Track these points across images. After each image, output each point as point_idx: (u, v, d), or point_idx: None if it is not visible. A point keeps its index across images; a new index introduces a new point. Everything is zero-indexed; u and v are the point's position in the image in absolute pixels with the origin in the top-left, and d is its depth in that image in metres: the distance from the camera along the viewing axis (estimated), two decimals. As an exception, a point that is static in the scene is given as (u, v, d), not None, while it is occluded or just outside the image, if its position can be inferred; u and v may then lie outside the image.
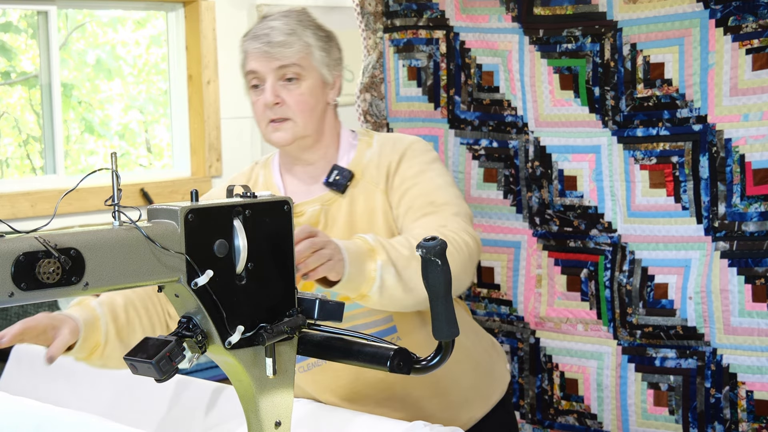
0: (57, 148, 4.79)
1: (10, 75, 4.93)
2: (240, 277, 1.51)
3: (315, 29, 2.22)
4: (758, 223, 2.87)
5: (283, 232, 1.56)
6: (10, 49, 4.90)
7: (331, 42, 2.25)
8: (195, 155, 5.19)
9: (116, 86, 5.33)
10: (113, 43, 5.27)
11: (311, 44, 2.19)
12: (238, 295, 1.50)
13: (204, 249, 1.46)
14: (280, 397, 1.56)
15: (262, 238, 1.52)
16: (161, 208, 1.45)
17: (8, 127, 4.98)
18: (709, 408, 3.00)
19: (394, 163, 2.22)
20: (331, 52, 2.23)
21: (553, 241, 3.24)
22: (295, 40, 2.18)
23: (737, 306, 2.90)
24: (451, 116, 3.41)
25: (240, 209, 1.50)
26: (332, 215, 2.20)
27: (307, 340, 1.61)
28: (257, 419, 1.55)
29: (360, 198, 2.20)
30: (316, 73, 2.20)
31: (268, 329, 1.51)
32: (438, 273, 1.50)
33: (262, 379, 1.54)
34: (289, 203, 1.58)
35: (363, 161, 2.25)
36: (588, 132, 3.14)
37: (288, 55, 2.17)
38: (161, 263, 1.41)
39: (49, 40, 4.71)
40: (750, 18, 2.83)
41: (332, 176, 2.21)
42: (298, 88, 2.19)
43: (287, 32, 2.18)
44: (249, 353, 1.53)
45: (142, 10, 5.19)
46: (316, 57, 2.19)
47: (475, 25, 3.31)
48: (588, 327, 3.19)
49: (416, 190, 2.18)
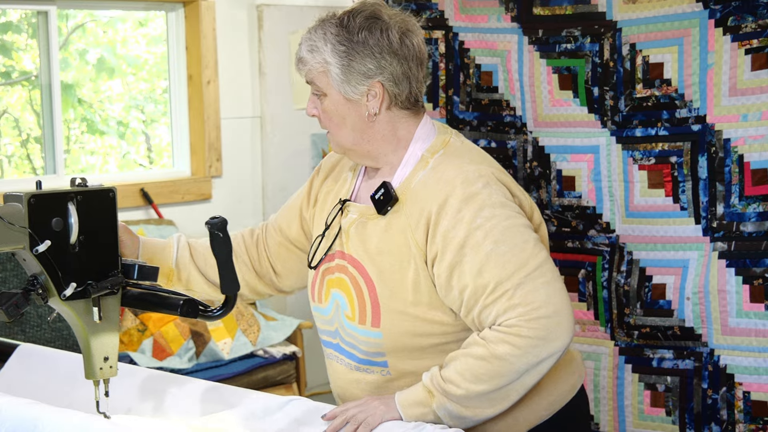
0: (57, 148, 4.80)
1: (11, 75, 4.93)
2: (73, 247, 1.93)
3: (336, 44, 2.08)
4: (756, 223, 2.87)
5: (109, 213, 1.99)
6: (11, 49, 4.90)
7: (353, 55, 2.07)
8: (195, 155, 5.19)
9: (116, 86, 5.34)
10: (114, 42, 5.27)
11: (329, 62, 2.09)
12: (71, 260, 1.93)
13: (44, 225, 1.89)
14: (107, 338, 1.99)
15: (91, 217, 1.95)
16: (12, 194, 1.88)
17: (8, 127, 4.99)
18: (705, 409, 2.99)
19: (433, 215, 2.05)
20: (353, 66, 2.08)
21: (551, 242, 3.24)
22: (313, 57, 2.12)
23: (735, 306, 2.90)
24: (450, 116, 3.41)
25: (73, 195, 1.92)
26: (367, 232, 2.14)
27: (128, 294, 2.03)
28: (90, 355, 1.98)
29: (395, 229, 2.10)
30: (334, 91, 2.12)
31: (93, 285, 1.94)
32: (220, 243, 1.94)
33: (91, 324, 1.97)
34: (114, 191, 1.99)
35: (411, 185, 2.11)
36: (587, 132, 3.14)
37: (308, 71, 2.14)
38: (9, 235, 1.86)
39: (49, 40, 4.71)
40: (749, 18, 2.82)
41: (378, 193, 2.10)
42: (323, 104, 2.15)
43: (309, 48, 2.13)
44: (81, 304, 1.95)
45: (142, 10, 5.19)
46: (333, 75, 2.10)
47: (474, 25, 3.31)
48: (585, 327, 3.18)
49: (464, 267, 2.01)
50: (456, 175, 2.06)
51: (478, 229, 2.01)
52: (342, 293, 2.16)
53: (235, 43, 5.19)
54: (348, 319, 2.15)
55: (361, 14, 2.11)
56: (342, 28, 2.09)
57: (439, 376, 2.03)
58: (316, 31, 2.13)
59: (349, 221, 2.17)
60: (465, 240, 2.01)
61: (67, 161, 4.99)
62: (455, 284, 2.03)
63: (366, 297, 2.12)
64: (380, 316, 2.10)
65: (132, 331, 4.40)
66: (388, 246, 2.10)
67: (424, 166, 2.11)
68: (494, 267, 1.99)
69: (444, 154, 2.13)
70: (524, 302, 1.97)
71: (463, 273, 2.01)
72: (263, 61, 5.18)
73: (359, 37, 2.08)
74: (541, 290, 1.98)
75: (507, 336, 1.97)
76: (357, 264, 2.14)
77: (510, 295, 1.98)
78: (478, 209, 2.02)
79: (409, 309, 2.08)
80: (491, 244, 2.00)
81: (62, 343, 4.11)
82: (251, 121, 5.27)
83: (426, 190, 2.08)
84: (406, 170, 2.13)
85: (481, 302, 2.00)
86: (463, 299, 2.03)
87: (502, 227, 2.02)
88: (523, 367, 1.98)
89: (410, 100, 2.14)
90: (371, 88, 2.10)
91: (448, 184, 2.05)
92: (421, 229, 2.06)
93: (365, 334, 2.13)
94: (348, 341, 2.18)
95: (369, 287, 2.11)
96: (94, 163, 5.28)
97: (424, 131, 2.17)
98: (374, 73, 2.08)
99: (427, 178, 2.09)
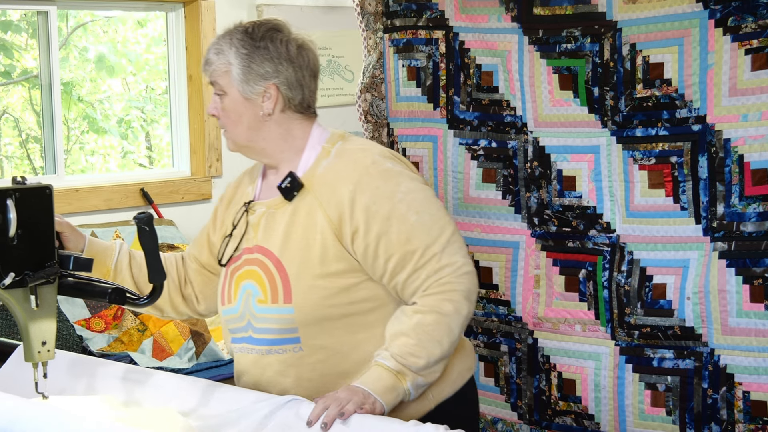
0: (57, 148, 4.80)
1: (11, 74, 4.93)
2: (12, 240, 2.04)
3: (239, 47, 2.30)
4: (756, 223, 2.87)
5: (45, 209, 2.10)
6: (11, 48, 4.91)
7: (253, 58, 2.29)
8: (195, 155, 5.19)
9: (116, 85, 5.34)
10: (114, 41, 5.27)
11: (231, 62, 2.30)
12: (10, 252, 2.04)
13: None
14: (45, 324, 2.10)
15: (28, 213, 2.06)
16: None
17: (8, 127, 4.99)
18: (706, 409, 2.99)
19: (348, 192, 2.25)
20: (252, 67, 2.29)
21: (551, 242, 3.24)
22: (218, 59, 2.32)
23: (735, 306, 2.90)
24: (450, 116, 3.41)
25: (11, 192, 2.03)
26: (275, 220, 2.33)
27: (65, 283, 2.16)
28: (29, 340, 2.09)
29: (303, 211, 2.29)
30: (234, 89, 2.31)
31: (30, 275, 2.05)
32: (146, 236, 2.09)
33: (29, 311, 2.08)
34: (50, 188, 2.11)
35: (316, 172, 2.31)
36: (587, 132, 3.14)
37: (212, 72, 2.34)
38: None
39: (50, 40, 4.71)
40: (749, 18, 2.82)
41: (285, 182, 2.31)
42: (223, 103, 2.34)
43: (215, 51, 2.33)
44: (19, 292, 2.07)
45: (142, 10, 5.19)
46: (234, 75, 2.30)
47: (474, 25, 3.31)
48: (586, 327, 3.18)
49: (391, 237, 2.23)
50: (364, 157, 2.30)
51: (400, 202, 2.24)
52: (252, 281, 2.34)
53: (235, 43, 5.18)
54: (260, 302, 2.32)
55: (265, 26, 2.34)
56: (247, 35, 2.32)
57: (399, 355, 2.20)
58: (224, 37, 2.34)
59: (257, 216, 2.37)
60: (390, 212, 2.23)
61: (67, 161, 4.99)
62: (381, 253, 2.23)
63: (276, 277, 2.30)
64: (291, 292, 2.27)
65: (132, 331, 4.40)
66: (295, 227, 2.30)
67: (327, 155, 2.33)
68: (420, 234, 2.24)
69: (344, 143, 2.36)
70: (450, 262, 2.24)
71: (391, 242, 2.23)
72: (263, 61, 5.19)
73: (261, 44, 2.31)
74: (459, 252, 2.27)
75: (446, 294, 2.22)
76: (266, 251, 2.32)
77: (438, 257, 2.23)
78: (396, 184, 2.26)
79: (317, 281, 2.26)
80: (415, 215, 2.24)
81: (62, 343, 4.11)
82: (251, 121, 5.27)
83: (335, 173, 2.29)
84: (309, 161, 2.34)
85: (410, 267, 2.23)
86: (388, 267, 2.24)
87: (420, 198, 2.28)
88: (464, 318, 2.25)
89: (303, 105, 2.36)
90: (267, 90, 2.31)
91: (358, 164, 2.28)
92: (334, 206, 2.25)
93: (278, 311, 2.29)
94: (259, 327, 2.33)
95: (278, 268, 2.30)
96: (95, 162, 5.28)
97: (319, 128, 2.40)
98: (271, 75, 2.30)
99: (333, 164, 2.31)
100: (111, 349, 4.22)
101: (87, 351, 4.12)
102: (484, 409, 3.45)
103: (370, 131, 3.62)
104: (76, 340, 4.15)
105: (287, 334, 2.29)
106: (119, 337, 4.31)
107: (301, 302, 2.26)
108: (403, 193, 2.25)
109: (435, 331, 2.21)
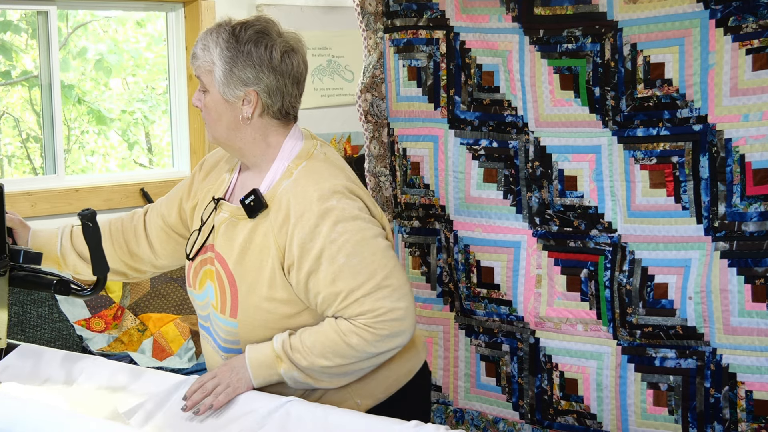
0: (57, 148, 4.79)
1: (11, 75, 4.93)
2: None
3: (224, 49, 2.32)
4: (758, 223, 2.87)
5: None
6: (11, 49, 4.90)
7: (236, 62, 2.32)
8: (195, 155, 5.19)
9: (116, 85, 5.34)
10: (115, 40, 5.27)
11: (215, 63, 2.33)
12: None
13: None
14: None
15: None
16: None
17: (8, 127, 4.99)
18: (708, 408, 3.00)
19: (291, 226, 2.29)
20: (234, 72, 2.32)
21: (553, 241, 3.25)
22: (204, 55, 2.35)
23: (737, 306, 2.90)
24: (451, 116, 3.41)
25: None
26: (236, 231, 2.37)
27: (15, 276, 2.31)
28: None
29: (261, 231, 2.33)
30: (215, 90, 2.34)
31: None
32: (90, 231, 2.23)
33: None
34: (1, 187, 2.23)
35: (277, 193, 2.34)
36: (588, 132, 3.15)
37: (198, 67, 2.37)
38: None
39: (50, 40, 4.71)
40: (750, 18, 2.83)
41: (249, 199, 2.34)
42: (205, 99, 2.38)
43: (202, 47, 2.36)
44: None
45: (142, 10, 5.19)
46: (216, 76, 2.33)
47: (475, 25, 3.31)
48: (588, 327, 3.19)
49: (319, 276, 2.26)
50: (313, 192, 2.30)
51: (332, 243, 2.26)
52: (212, 284, 2.41)
53: (235, 43, 5.19)
54: (213, 308, 2.41)
55: (252, 27, 2.34)
56: (233, 36, 2.33)
57: (289, 344, 2.29)
58: (212, 33, 2.36)
59: (221, 219, 2.42)
60: (321, 252, 2.26)
61: (67, 161, 4.99)
62: (311, 288, 2.28)
63: (227, 290, 2.37)
64: (238, 308, 2.34)
65: (132, 331, 4.40)
66: (251, 245, 2.34)
67: (289, 176, 2.35)
68: (346, 277, 2.25)
69: (306, 166, 2.37)
70: (373, 308, 2.25)
71: (318, 281, 2.26)
72: (263, 61, 5.19)
73: (245, 48, 2.32)
74: (388, 297, 2.26)
75: (359, 330, 2.25)
76: (222, 260, 2.38)
77: (361, 302, 2.25)
78: (333, 224, 2.26)
79: (263, 303, 2.32)
80: (344, 257, 2.25)
81: (62, 343, 4.11)
82: (251, 121, 5.27)
83: (287, 201, 2.31)
84: (274, 178, 2.37)
85: (334, 307, 2.27)
86: (317, 302, 2.30)
87: (354, 241, 2.27)
88: (366, 356, 2.27)
89: (281, 112, 2.38)
90: (247, 95, 2.34)
91: (305, 199, 2.29)
92: (282, 237, 2.30)
93: (225, 323, 2.38)
94: (214, 328, 2.44)
95: (230, 281, 2.36)
96: (95, 162, 5.28)
97: (292, 141, 2.41)
98: (252, 82, 2.32)
99: (290, 188, 2.33)
100: (111, 349, 4.22)
101: (87, 351, 4.12)
102: (485, 408, 3.45)
103: (371, 131, 3.62)
104: (76, 340, 4.15)
105: (232, 345, 2.39)
106: (119, 337, 4.31)
107: (245, 320, 2.34)
108: (338, 234, 2.26)
109: (327, 348, 2.26)
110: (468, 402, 3.49)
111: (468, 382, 3.48)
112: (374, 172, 3.64)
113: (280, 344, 2.29)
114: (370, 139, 3.63)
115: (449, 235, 3.45)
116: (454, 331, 3.49)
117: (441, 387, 3.54)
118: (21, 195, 4.45)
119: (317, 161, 2.38)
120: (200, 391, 2.26)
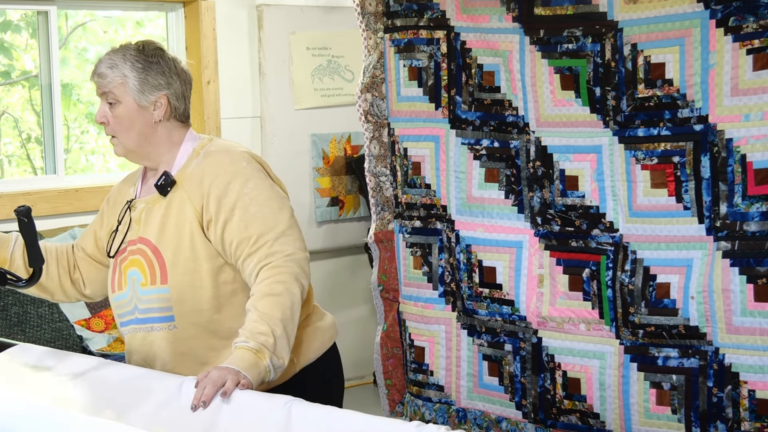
0: (57, 148, 4.79)
1: (11, 74, 4.93)
2: None
3: (135, 62, 2.64)
4: (760, 222, 2.88)
5: None
6: (11, 48, 4.90)
7: (148, 71, 2.64)
8: (195, 155, 5.19)
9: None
10: (114, 41, 5.27)
11: (127, 75, 2.63)
12: None
13: None
14: None
15: None
16: None
17: (8, 127, 4.98)
18: (711, 407, 3.01)
19: (206, 186, 2.60)
20: (148, 79, 2.64)
21: (554, 241, 3.25)
22: (113, 72, 2.64)
23: (739, 305, 2.91)
24: (452, 116, 3.42)
25: None
26: (153, 213, 2.67)
27: None
28: None
29: (175, 205, 2.64)
30: (130, 99, 2.63)
31: None
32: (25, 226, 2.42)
33: None
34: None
35: (187, 171, 2.66)
36: (589, 132, 3.15)
37: (106, 84, 2.65)
38: None
39: (50, 40, 4.71)
40: (750, 18, 2.83)
41: (160, 180, 2.66)
42: (115, 111, 2.65)
43: (109, 65, 2.65)
44: None
45: (141, 10, 5.19)
46: (130, 86, 2.63)
47: (475, 25, 3.31)
48: (590, 326, 3.19)
49: (233, 224, 2.57)
50: (224, 157, 2.65)
51: (245, 196, 2.59)
52: (136, 269, 2.66)
53: (235, 43, 5.18)
54: (142, 285, 2.65)
55: (151, 45, 2.71)
56: (140, 52, 2.66)
57: (249, 331, 2.45)
58: (116, 53, 2.68)
59: (138, 212, 2.71)
60: (235, 203, 2.58)
61: (67, 161, 4.99)
62: (227, 238, 2.57)
63: (155, 262, 2.63)
64: (167, 274, 2.61)
65: (133, 331, 4.41)
66: (170, 218, 2.64)
67: (197, 157, 2.68)
68: (257, 224, 2.57)
69: (210, 146, 2.71)
70: (281, 250, 2.55)
71: (233, 229, 2.57)
72: (263, 61, 5.18)
73: (153, 60, 2.67)
74: (293, 244, 2.58)
75: (275, 276, 2.51)
76: (146, 241, 2.66)
77: (270, 244, 2.55)
78: (245, 181, 2.60)
79: (189, 264, 2.59)
80: (256, 207, 2.58)
81: (62, 343, 4.11)
82: (251, 121, 5.27)
83: (200, 170, 2.64)
84: (181, 162, 2.69)
85: (246, 251, 2.55)
86: (232, 250, 2.57)
87: (264, 196, 2.61)
88: (296, 297, 2.52)
89: (184, 114, 2.73)
90: (159, 99, 2.65)
91: (219, 163, 2.64)
92: (198, 199, 2.60)
93: (157, 291, 2.62)
94: (143, 308, 2.65)
95: (156, 254, 2.63)
96: (95, 162, 5.28)
97: (192, 136, 2.75)
98: (163, 87, 2.66)
99: (200, 163, 2.66)
100: (111, 349, 4.22)
101: (87, 351, 4.12)
102: (488, 408, 3.46)
103: (371, 131, 3.63)
104: (76, 340, 4.16)
105: (164, 312, 2.62)
106: (119, 338, 4.31)
107: (176, 283, 2.60)
108: (250, 188, 2.59)
109: (272, 310, 2.47)
110: (471, 402, 3.50)
111: (471, 382, 3.48)
112: (374, 172, 3.65)
113: (251, 342, 2.42)
114: (370, 139, 3.64)
115: (451, 235, 3.46)
116: (456, 330, 3.49)
117: (443, 387, 3.55)
118: (21, 195, 4.45)
119: (219, 141, 2.74)
120: (210, 385, 2.31)
